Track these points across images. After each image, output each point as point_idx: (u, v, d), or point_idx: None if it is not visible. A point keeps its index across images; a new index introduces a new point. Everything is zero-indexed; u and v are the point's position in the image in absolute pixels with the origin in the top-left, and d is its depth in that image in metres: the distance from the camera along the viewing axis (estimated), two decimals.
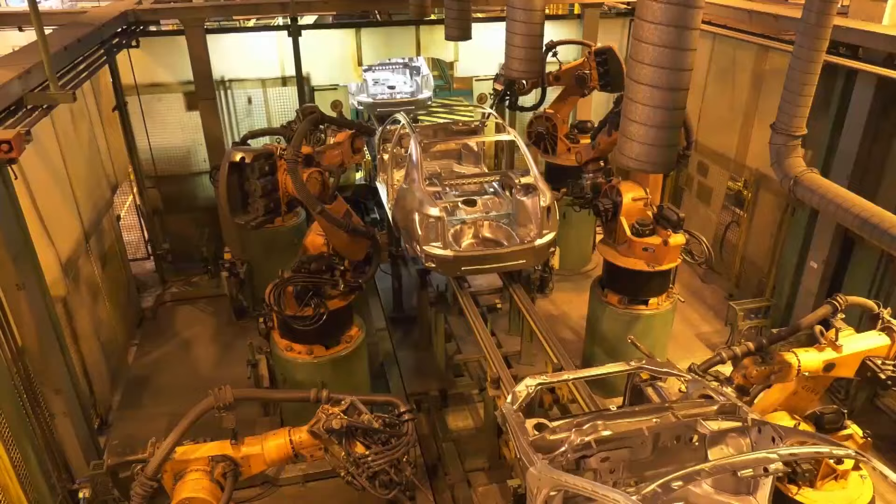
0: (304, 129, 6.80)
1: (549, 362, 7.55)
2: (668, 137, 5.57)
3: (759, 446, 4.71)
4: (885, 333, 5.60)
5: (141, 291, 11.86)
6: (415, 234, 8.10)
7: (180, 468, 4.87)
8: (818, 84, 7.37)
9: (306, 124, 6.93)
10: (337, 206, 7.08)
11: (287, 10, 11.40)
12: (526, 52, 8.58)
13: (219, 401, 4.84)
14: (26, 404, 6.40)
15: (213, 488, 4.79)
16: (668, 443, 4.91)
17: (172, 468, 4.85)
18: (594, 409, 6.28)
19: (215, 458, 4.88)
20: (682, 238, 8.17)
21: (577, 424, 4.81)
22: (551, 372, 7.21)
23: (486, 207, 9.08)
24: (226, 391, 4.87)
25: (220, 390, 4.91)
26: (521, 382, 5.44)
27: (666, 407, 5.01)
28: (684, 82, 5.39)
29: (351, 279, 7.42)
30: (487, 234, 8.82)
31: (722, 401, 5.02)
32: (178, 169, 12.31)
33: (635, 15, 5.30)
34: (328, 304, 7.27)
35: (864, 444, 5.77)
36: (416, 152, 8.66)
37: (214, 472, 4.85)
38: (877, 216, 6.77)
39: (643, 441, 4.80)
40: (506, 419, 5.16)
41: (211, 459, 4.88)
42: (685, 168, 12.72)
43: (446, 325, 9.08)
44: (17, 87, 6.28)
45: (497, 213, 8.93)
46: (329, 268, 7.32)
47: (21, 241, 6.20)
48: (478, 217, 8.83)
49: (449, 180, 9.39)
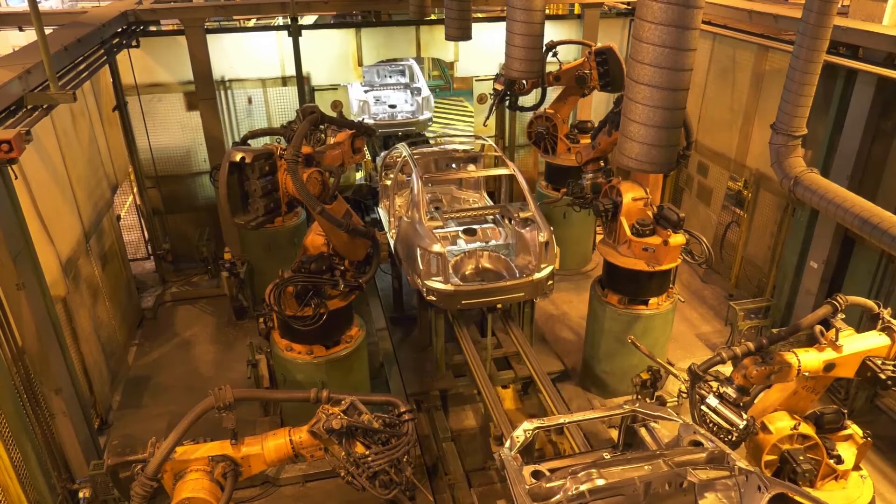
0: (304, 130, 6.79)
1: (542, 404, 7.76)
2: (669, 137, 5.58)
3: (747, 494, 4.95)
4: (886, 333, 5.59)
5: (141, 291, 11.87)
6: (416, 268, 8.29)
7: (180, 468, 4.87)
8: (818, 84, 7.38)
9: (306, 124, 6.92)
10: (337, 206, 7.08)
11: (287, 10, 11.40)
12: (526, 52, 8.58)
13: (219, 401, 4.84)
14: (26, 404, 6.40)
15: (213, 488, 4.79)
16: (659, 489, 5.13)
17: (172, 468, 4.85)
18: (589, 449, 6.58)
19: (215, 458, 4.88)
20: (682, 238, 8.17)
21: (573, 472, 5.01)
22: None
23: (486, 237, 9.32)
24: (226, 391, 4.87)
25: (220, 390, 4.90)
26: (519, 427, 5.60)
27: (658, 454, 5.24)
28: (684, 82, 5.40)
29: (351, 279, 7.42)
30: (487, 265, 9.02)
31: (711, 447, 5.25)
32: (178, 169, 12.32)
33: (635, 15, 5.31)
34: (328, 304, 7.27)
35: (865, 444, 5.77)
36: (417, 189, 8.84)
37: (214, 472, 4.85)
38: (877, 216, 6.78)
39: (635, 489, 5.04)
40: (504, 465, 5.32)
41: (211, 459, 4.88)
42: (685, 168, 12.74)
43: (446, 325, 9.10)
44: (18, 87, 6.28)
45: (496, 242, 9.16)
46: (329, 268, 7.32)
47: (21, 241, 6.20)
48: (477, 247, 9.06)
49: (449, 213, 9.61)
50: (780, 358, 5.53)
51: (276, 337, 7.78)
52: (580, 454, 6.21)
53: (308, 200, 6.56)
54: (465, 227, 9.38)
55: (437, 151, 11.54)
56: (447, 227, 9.31)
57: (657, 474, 5.05)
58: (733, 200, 11.52)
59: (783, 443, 5.65)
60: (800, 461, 5.51)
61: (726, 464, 5.16)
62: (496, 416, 7.40)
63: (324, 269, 7.29)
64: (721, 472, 5.14)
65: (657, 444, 5.76)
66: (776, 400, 5.89)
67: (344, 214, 7.15)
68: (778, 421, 5.70)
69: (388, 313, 10.94)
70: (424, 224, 8.53)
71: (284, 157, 6.55)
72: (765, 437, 5.67)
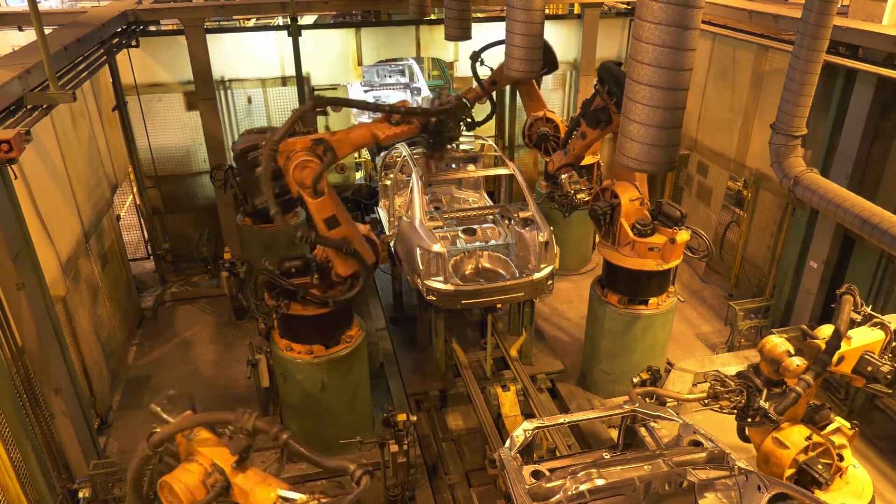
0: (294, 118, 6.51)
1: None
2: (669, 137, 5.58)
3: (746, 494, 4.95)
4: (879, 328, 5.62)
5: (141, 291, 11.86)
6: (416, 268, 8.30)
7: (192, 451, 4.68)
8: (818, 84, 7.38)
9: (297, 112, 6.60)
10: (323, 203, 6.79)
11: (287, 10, 11.40)
12: (526, 52, 8.58)
13: (238, 421, 4.52)
14: (26, 404, 6.40)
15: (197, 490, 4.62)
16: (659, 489, 5.13)
17: (190, 449, 4.67)
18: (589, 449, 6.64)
19: (216, 466, 4.64)
20: (687, 235, 8.17)
21: (572, 472, 5.03)
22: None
23: (486, 237, 9.32)
24: (249, 418, 4.48)
25: (245, 413, 4.49)
26: (519, 427, 5.62)
27: (657, 454, 5.24)
28: (684, 82, 5.40)
29: (319, 292, 7.14)
30: (486, 265, 9.04)
31: (711, 447, 5.25)
32: (178, 169, 12.32)
33: (635, 15, 5.31)
34: (292, 307, 7.15)
35: (853, 434, 5.77)
36: (417, 190, 8.83)
37: (209, 478, 4.70)
38: (877, 216, 6.78)
39: (635, 489, 5.04)
40: (503, 465, 5.33)
41: (213, 465, 4.66)
42: (685, 168, 12.74)
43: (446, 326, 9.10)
44: (17, 86, 6.28)
45: (496, 242, 9.16)
46: (305, 268, 7.13)
47: (21, 241, 6.20)
48: (477, 247, 9.07)
49: (449, 213, 9.60)
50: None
51: (276, 337, 7.77)
52: (580, 454, 6.21)
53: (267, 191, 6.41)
54: (464, 227, 9.40)
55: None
56: (447, 227, 9.31)
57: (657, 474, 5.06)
58: (733, 200, 11.53)
59: (799, 455, 5.62)
60: (820, 471, 5.47)
61: (726, 464, 5.17)
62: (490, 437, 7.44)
63: (294, 271, 7.07)
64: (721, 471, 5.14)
65: (657, 444, 5.76)
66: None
67: (328, 219, 6.82)
68: (791, 435, 5.63)
69: (388, 313, 10.94)
70: (424, 224, 8.54)
71: (264, 143, 6.39)
72: (783, 452, 5.59)
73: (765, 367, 5.63)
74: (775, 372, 5.55)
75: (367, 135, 7.01)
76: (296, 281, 7.05)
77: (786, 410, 5.46)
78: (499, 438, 7.36)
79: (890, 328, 5.61)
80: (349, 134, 6.95)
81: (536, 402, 7.96)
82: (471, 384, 8.30)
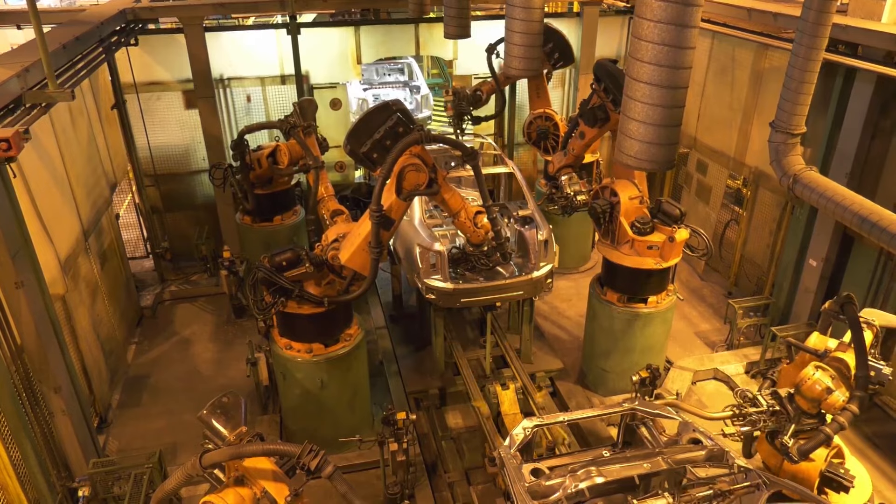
0: (402, 148, 6.27)
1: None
2: (668, 135, 5.58)
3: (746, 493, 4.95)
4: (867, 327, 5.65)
5: (140, 290, 11.86)
6: (416, 267, 8.30)
7: (243, 471, 4.54)
8: (817, 82, 7.39)
9: (403, 143, 6.29)
10: (402, 206, 6.71)
11: (286, 8, 11.39)
12: (525, 51, 8.57)
13: (302, 458, 4.29)
14: (25, 403, 6.40)
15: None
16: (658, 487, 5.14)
17: (237, 467, 4.53)
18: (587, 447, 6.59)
19: (269, 496, 4.47)
20: (686, 233, 8.17)
21: (572, 470, 5.03)
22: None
23: None
24: (314, 459, 4.31)
25: (310, 453, 4.30)
26: (519, 425, 5.63)
27: (657, 452, 5.23)
28: (684, 80, 5.39)
29: (313, 292, 7.10)
30: None
31: (710, 445, 5.24)
32: (177, 167, 12.30)
33: (635, 13, 5.30)
34: (289, 305, 7.12)
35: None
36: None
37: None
38: (876, 214, 6.79)
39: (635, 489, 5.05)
40: (503, 463, 5.34)
41: (264, 493, 4.49)
42: (685, 166, 12.74)
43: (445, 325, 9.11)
44: (16, 85, 6.27)
45: None
46: (296, 260, 7.01)
47: (20, 240, 6.20)
48: None
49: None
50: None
51: (276, 335, 7.77)
52: (579, 452, 6.22)
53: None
54: None
55: (436, 150, 11.53)
56: (446, 225, 9.30)
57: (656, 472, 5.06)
58: (732, 198, 11.53)
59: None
60: (842, 475, 5.50)
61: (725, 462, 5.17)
62: (489, 436, 7.43)
63: (286, 264, 6.98)
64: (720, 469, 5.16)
65: (656, 442, 5.77)
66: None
67: (389, 222, 6.64)
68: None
69: (388, 312, 10.94)
70: (424, 222, 8.53)
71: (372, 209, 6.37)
72: (810, 466, 5.59)
73: (802, 403, 5.57)
74: (814, 406, 5.52)
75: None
76: (290, 274, 6.97)
77: (807, 455, 5.41)
78: (498, 436, 7.38)
79: (876, 326, 5.65)
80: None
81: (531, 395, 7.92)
82: (470, 383, 8.28)
